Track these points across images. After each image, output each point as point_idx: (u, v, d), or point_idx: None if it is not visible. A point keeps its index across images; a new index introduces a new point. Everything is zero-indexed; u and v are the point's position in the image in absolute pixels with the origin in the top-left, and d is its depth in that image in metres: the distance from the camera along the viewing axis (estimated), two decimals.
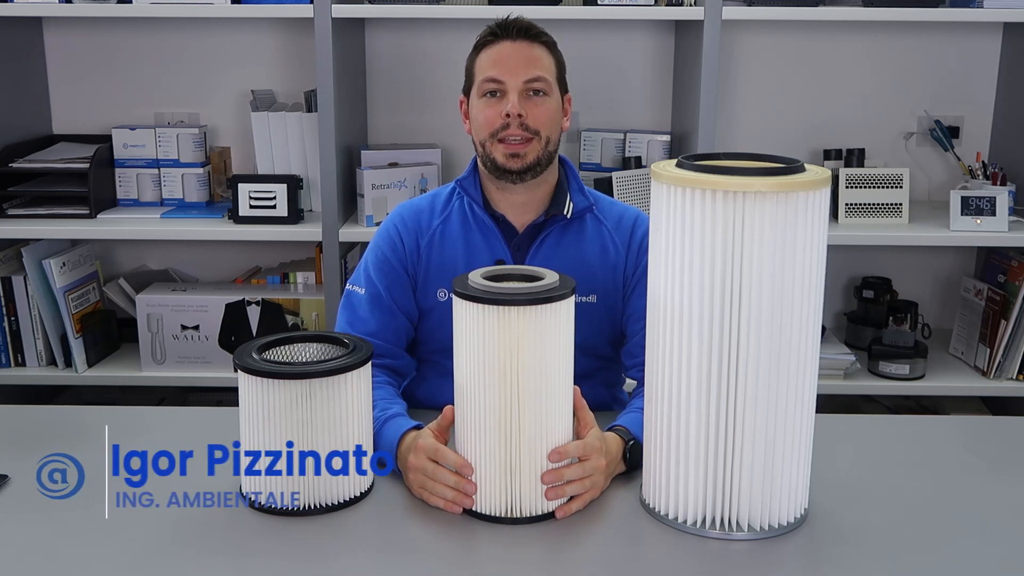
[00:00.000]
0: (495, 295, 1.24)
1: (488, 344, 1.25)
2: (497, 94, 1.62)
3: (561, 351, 1.28)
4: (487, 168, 1.65)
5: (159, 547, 1.24)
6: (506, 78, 1.60)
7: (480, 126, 1.64)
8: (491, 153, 1.62)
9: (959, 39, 2.78)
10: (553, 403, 1.28)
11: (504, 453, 1.28)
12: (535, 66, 1.62)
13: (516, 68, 1.61)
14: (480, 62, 1.65)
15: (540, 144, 1.62)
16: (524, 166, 1.61)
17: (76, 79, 2.81)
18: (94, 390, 2.70)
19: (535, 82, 1.61)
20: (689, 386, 1.24)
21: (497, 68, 1.61)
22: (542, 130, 1.61)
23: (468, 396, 1.29)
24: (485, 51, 1.65)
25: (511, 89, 1.60)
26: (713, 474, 1.25)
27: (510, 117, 1.60)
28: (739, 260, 1.18)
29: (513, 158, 1.61)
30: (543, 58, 1.64)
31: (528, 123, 1.60)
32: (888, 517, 1.32)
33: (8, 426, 1.62)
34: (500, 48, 1.63)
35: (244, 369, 1.29)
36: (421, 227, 1.68)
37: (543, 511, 1.30)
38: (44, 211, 2.54)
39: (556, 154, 1.68)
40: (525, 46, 1.63)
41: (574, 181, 1.70)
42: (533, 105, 1.61)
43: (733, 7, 2.41)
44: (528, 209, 1.67)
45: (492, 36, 1.65)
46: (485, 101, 1.63)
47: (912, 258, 2.89)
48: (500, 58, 1.62)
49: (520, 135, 1.60)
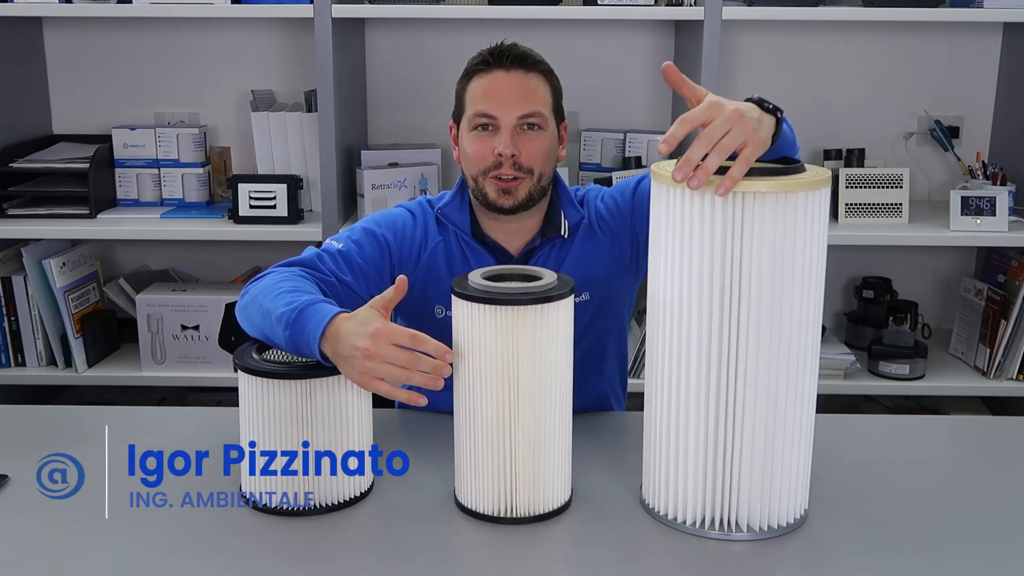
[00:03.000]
0: (495, 295, 1.24)
1: (487, 344, 1.24)
2: (489, 127, 1.54)
3: (560, 351, 1.28)
4: (478, 200, 1.59)
5: (159, 547, 1.24)
6: (499, 113, 1.52)
7: (470, 161, 1.56)
8: (482, 188, 1.56)
9: (959, 39, 2.78)
10: (552, 403, 1.28)
11: (503, 453, 1.27)
12: (530, 100, 1.53)
13: (510, 102, 1.52)
14: (472, 92, 1.56)
15: (532, 180, 1.55)
16: (516, 203, 1.55)
17: (76, 79, 2.81)
18: (94, 390, 2.70)
19: (530, 117, 1.53)
20: (689, 386, 1.23)
21: (489, 102, 1.53)
22: (535, 167, 1.55)
23: (467, 396, 1.28)
24: (477, 80, 1.56)
25: (504, 126, 1.52)
26: (713, 474, 1.25)
27: (503, 156, 1.52)
28: (739, 260, 1.18)
29: (505, 195, 1.54)
30: (539, 89, 1.56)
31: (521, 162, 1.53)
32: (888, 517, 1.32)
33: (8, 426, 1.62)
34: (493, 79, 1.54)
35: (244, 369, 1.29)
36: (429, 235, 1.62)
37: (542, 511, 1.30)
38: (44, 211, 2.54)
39: (549, 186, 1.60)
40: (520, 77, 1.54)
41: (564, 195, 1.64)
42: (527, 141, 1.54)
43: (733, 7, 2.41)
44: (521, 235, 1.62)
45: (484, 64, 1.56)
46: (476, 135, 1.55)
47: (912, 258, 2.89)
48: (492, 90, 1.54)
49: (512, 174, 1.53)
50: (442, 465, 1.40)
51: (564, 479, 1.33)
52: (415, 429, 1.60)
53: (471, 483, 1.31)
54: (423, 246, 1.62)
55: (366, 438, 1.36)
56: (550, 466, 1.29)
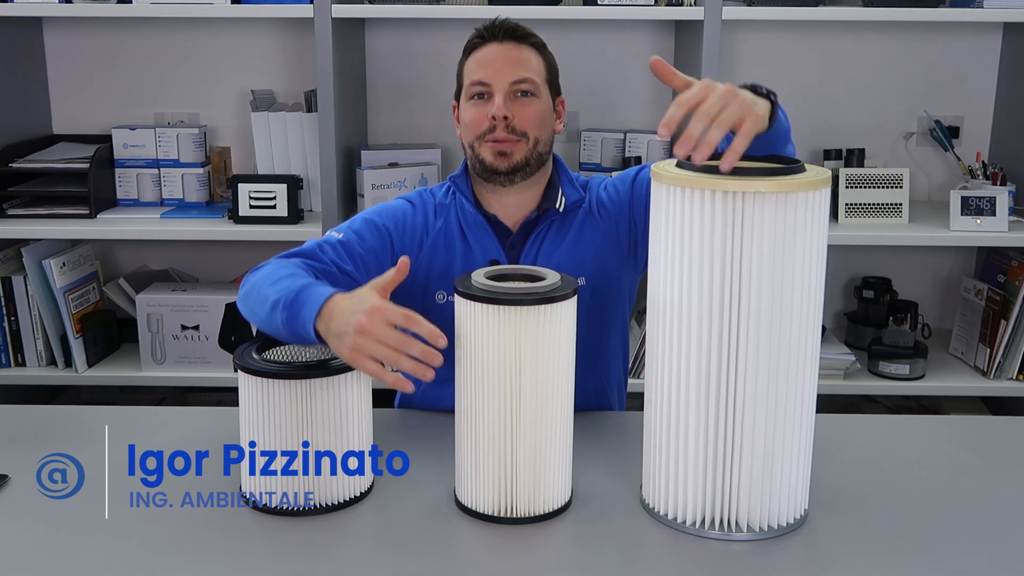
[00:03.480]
0: (498, 295, 1.24)
1: (489, 343, 1.24)
2: (484, 96, 1.60)
3: (562, 351, 1.28)
4: (476, 170, 1.63)
5: (159, 547, 1.24)
6: (492, 80, 1.59)
7: (467, 128, 1.62)
8: (479, 153, 1.60)
9: (959, 39, 2.78)
10: (553, 404, 1.28)
11: (504, 453, 1.28)
12: (522, 67, 1.60)
13: (503, 69, 1.59)
14: (468, 66, 1.63)
15: (528, 145, 1.59)
16: (511, 165, 1.59)
17: (76, 79, 2.81)
18: (94, 390, 2.70)
19: (521, 83, 1.59)
20: (689, 386, 1.23)
21: (483, 70, 1.60)
22: (529, 131, 1.59)
23: (468, 395, 1.28)
24: (473, 55, 1.63)
25: (497, 91, 1.58)
26: (713, 474, 1.25)
27: (496, 119, 1.58)
28: (739, 260, 1.18)
29: (500, 156, 1.58)
30: (530, 59, 1.62)
31: (514, 125, 1.58)
32: (888, 517, 1.32)
33: (8, 426, 1.62)
34: (487, 50, 1.61)
35: (244, 369, 1.29)
36: (428, 224, 1.65)
37: (543, 511, 1.30)
38: (44, 211, 2.54)
39: (547, 156, 1.65)
40: (512, 48, 1.61)
41: (564, 175, 1.68)
42: (520, 106, 1.59)
43: (733, 7, 2.41)
44: (520, 209, 1.65)
45: (479, 39, 1.63)
46: (472, 103, 1.61)
47: (912, 258, 2.89)
48: (486, 60, 1.61)
49: (506, 137, 1.58)
50: (442, 465, 1.40)
51: (565, 480, 1.33)
52: (415, 429, 1.60)
53: (471, 483, 1.30)
54: (424, 234, 1.65)
55: (366, 438, 1.36)
56: (551, 467, 1.29)
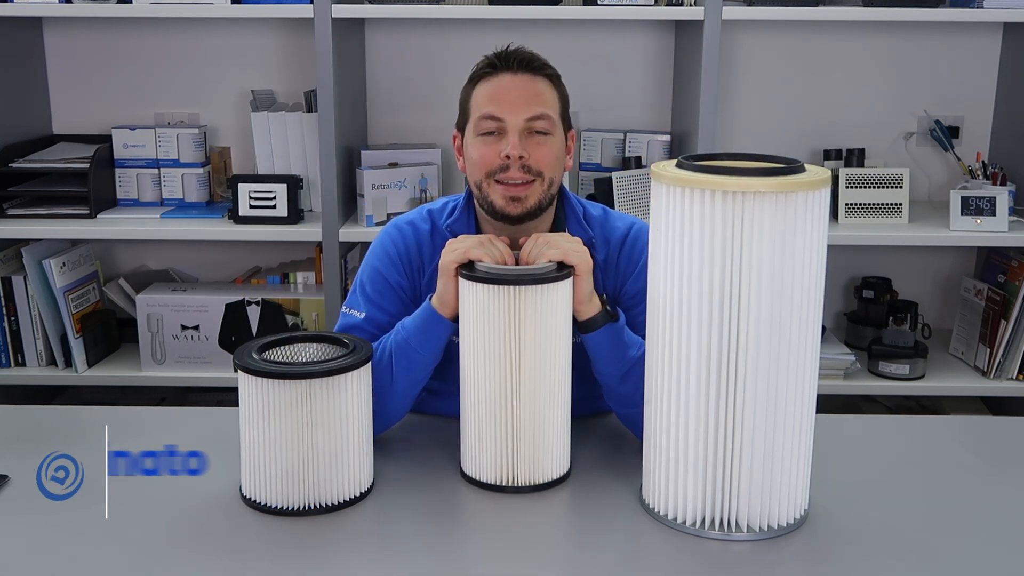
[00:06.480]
0: (499, 276, 1.34)
1: (491, 322, 1.33)
2: (495, 132, 1.48)
3: (560, 329, 1.36)
4: (484, 209, 1.53)
5: (159, 547, 1.24)
6: (506, 115, 1.47)
7: (476, 165, 1.50)
8: (488, 195, 1.50)
9: (959, 39, 2.78)
10: (551, 379, 1.36)
11: (505, 424, 1.35)
12: (537, 102, 1.48)
13: (517, 104, 1.47)
14: (477, 96, 1.51)
15: (542, 186, 1.49)
16: (524, 211, 1.49)
17: (76, 79, 2.81)
18: (94, 390, 2.70)
19: (538, 120, 1.48)
20: (689, 386, 1.24)
21: (496, 104, 1.48)
22: (545, 171, 1.49)
23: (472, 371, 1.36)
24: (482, 84, 1.51)
25: (511, 128, 1.47)
26: (713, 474, 1.25)
27: (510, 159, 1.47)
28: (739, 260, 1.18)
29: (513, 202, 1.48)
30: (546, 93, 1.50)
31: (530, 164, 1.47)
32: (888, 517, 1.32)
33: (8, 426, 1.62)
34: (499, 81, 1.49)
35: (244, 369, 1.29)
36: (424, 260, 1.56)
37: (542, 481, 1.37)
38: (44, 211, 2.54)
39: (556, 194, 1.55)
40: (527, 80, 1.49)
41: (572, 214, 1.58)
42: (534, 144, 1.48)
43: (733, 7, 2.41)
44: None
45: (491, 68, 1.51)
46: (482, 139, 1.49)
47: (912, 258, 2.89)
48: (499, 93, 1.48)
49: (521, 177, 1.47)
50: (443, 465, 1.41)
51: (563, 451, 1.40)
52: (415, 429, 1.60)
53: (475, 454, 1.38)
54: (431, 258, 1.56)
55: (366, 438, 1.36)
56: (549, 438, 1.37)
